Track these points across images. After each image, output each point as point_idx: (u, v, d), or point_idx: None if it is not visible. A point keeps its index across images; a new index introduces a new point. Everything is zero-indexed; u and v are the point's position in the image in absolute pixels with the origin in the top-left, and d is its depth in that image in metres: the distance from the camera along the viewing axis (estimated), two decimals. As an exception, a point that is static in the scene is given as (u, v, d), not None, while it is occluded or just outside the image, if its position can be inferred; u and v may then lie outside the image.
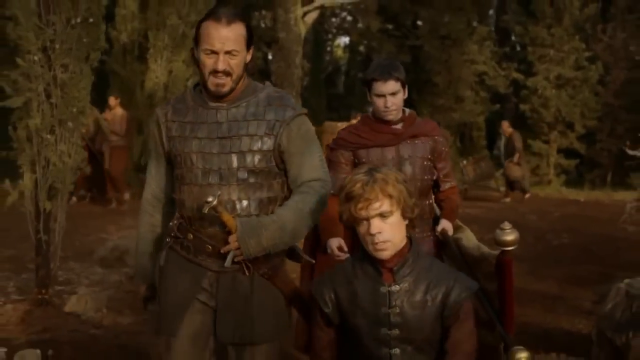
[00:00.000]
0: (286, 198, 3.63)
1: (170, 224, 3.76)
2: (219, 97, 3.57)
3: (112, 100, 14.71)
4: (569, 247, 11.93)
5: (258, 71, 27.98)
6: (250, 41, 3.58)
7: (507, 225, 3.87)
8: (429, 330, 3.27)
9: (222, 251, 3.53)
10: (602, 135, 23.95)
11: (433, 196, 5.00)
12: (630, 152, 10.05)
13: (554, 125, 23.90)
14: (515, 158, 18.56)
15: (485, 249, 4.45)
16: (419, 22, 27.47)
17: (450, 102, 25.16)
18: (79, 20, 6.90)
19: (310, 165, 3.68)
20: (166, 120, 3.63)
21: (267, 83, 3.76)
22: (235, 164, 3.54)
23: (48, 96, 6.96)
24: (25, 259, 9.29)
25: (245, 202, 3.54)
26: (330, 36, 37.32)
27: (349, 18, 32.00)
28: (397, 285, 3.25)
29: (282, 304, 3.70)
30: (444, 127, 22.22)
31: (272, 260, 3.61)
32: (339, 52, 41.37)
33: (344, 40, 38.98)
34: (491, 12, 32.01)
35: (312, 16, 20.05)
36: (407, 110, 4.92)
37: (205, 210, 3.42)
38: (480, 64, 25.37)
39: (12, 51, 7.15)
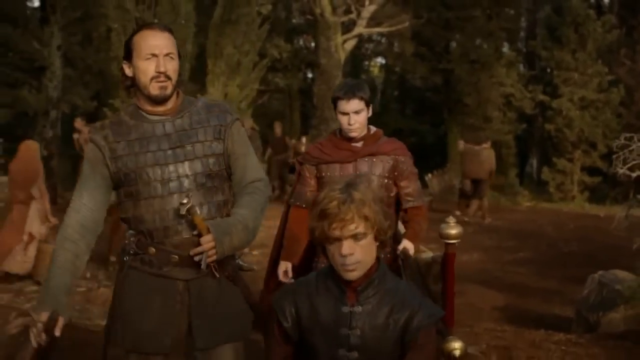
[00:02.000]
0: (232, 200, 3.73)
1: (126, 242, 3.67)
2: (161, 102, 3.61)
3: (78, 123, 15.52)
4: (576, 253, 13.29)
5: (299, 90, 29.18)
6: (178, 52, 3.71)
7: (451, 219, 3.98)
8: (387, 354, 3.17)
9: (193, 253, 3.52)
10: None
11: (395, 215, 4.99)
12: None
13: (577, 145, 24.58)
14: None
15: (437, 254, 4.49)
16: (453, 46, 28.28)
17: (479, 122, 25.84)
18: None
19: (253, 167, 3.80)
20: (107, 143, 3.61)
21: (199, 96, 3.90)
22: (193, 170, 3.60)
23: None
24: None
25: (205, 207, 3.59)
26: (367, 58, 38.35)
27: (384, 41, 33.10)
28: (359, 306, 3.15)
29: (245, 304, 3.75)
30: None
31: (232, 263, 3.73)
32: (376, 71, 42.24)
33: (381, 59, 39.82)
34: (522, 34, 33.22)
35: (351, 43, 21.56)
36: (373, 129, 5.02)
37: (183, 211, 3.47)
38: (508, 87, 26.08)
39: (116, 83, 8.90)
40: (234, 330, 3.66)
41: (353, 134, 4.84)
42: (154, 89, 3.54)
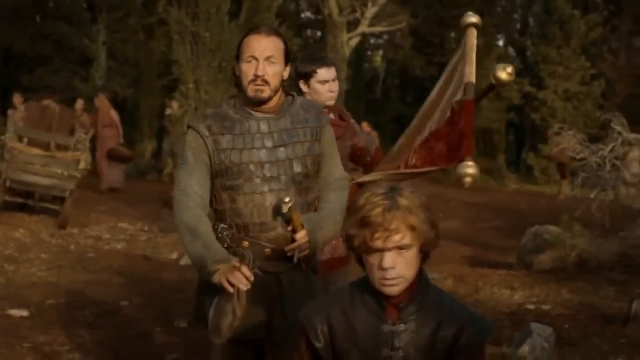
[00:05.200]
0: (318, 197, 3.75)
1: (219, 235, 3.61)
2: (259, 104, 3.60)
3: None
4: (539, 223, 15.99)
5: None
6: (287, 57, 3.67)
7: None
8: None
9: (288, 249, 3.55)
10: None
11: None
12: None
13: (560, 133, 27.22)
14: None
15: None
16: (448, 41, 30.46)
17: None
18: (216, 63, 11.36)
19: (338, 165, 3.85)
20: (211, 134, 3.60)
21: (295, 94, 3.81)
22: (294, 169, 3.61)
23: (196, 108, 11.45)
24: None
25: (299, 205, 3.57)
26: (369, 49, 40.55)
27: (385, 36, 35.44)
28: (402, 325, 2.78)
29: None
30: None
31: (315, 257, 3.73)
32: (378, 61, 44.35)
33: (382, 51, 41.99)
34: (515, 29, 35.69)
35: (355, 40, 24.21)
36: None
37: (285, 209, 3.46)
38: None
39: (175, 82, 11.64)
40: None
41: (331, 102, 4.77)
42: (251, 91, 3.54)
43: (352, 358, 2.83)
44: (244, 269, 3.26)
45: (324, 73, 4.67)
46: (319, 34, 33.35)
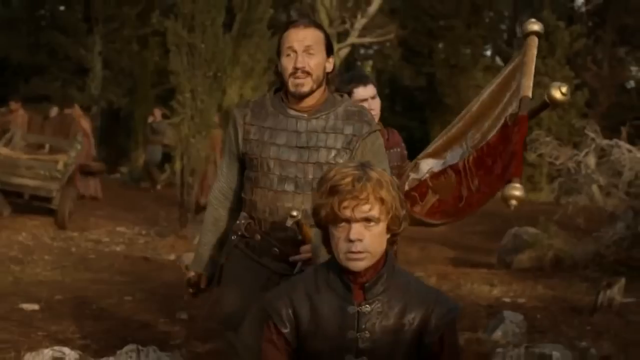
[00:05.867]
0: None
1: (238, 222, 3.67)
2: (300, 98, 3.53)
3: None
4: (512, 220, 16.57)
5: None
6: (330, 48, 3.59)
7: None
8: (401, 358, 2.79)
9: (291, 259, 3.52)
10: (589, 151, 27.82)
11: None
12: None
13: (550, 141, 27.79)
14: None
15: None
16: (435, 52, 31.11)
17: None
18: (211, 73, 11.91)
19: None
20: (244, 123, 3.58)
21: (345, 96, 3.71)
22: (311, 174, 3.48)
23: (192, 117, 11.99)
24: (173, 213, 13.95)
25: None
26: (359, 60, 41.07)
27: (375, 47, 35.97)
28: (368, 306, 2.75)
29: None
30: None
31: None
32: (368, 70, 44.84)
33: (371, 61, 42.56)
34: (503, 39, 36.30)
35: (345, 51, 24.79)
36: None
37: (289, 223, 3.42)
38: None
39: (169, 91, 12.17)
40: None
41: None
42: (292, 85, 3.48)
43: (317, 341, 2.79)
44: (194, 284, 3.87)
45: (361, 91, 4.52)
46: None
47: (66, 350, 5.10)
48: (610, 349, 6.43)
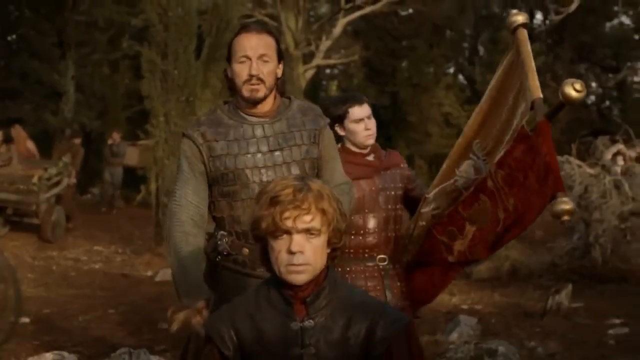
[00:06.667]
0: None
1: (219, 242, 3.60)
2: (255, 104, 3.52)
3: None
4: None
5: None
6: (280, 55, 3.58)
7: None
8: None
9: None
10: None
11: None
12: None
13: None
14: None
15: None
16: (403, 66, 31.43)
17: (421, 137, 28.93)
18: (184, 98, 12.49)
19: (339, 170, 3.74)
20: (205, 141, 3.52)
21: (292, 97, 3.73)
22: (290, 173, 3.47)
23: (166, 140, 12.56)
24: (150, 232, 14.42)
25: None
26: (324, 79, 41.66)
27: (340, 67, 36.60)
28: (311, 320, 2.64)
29: None
30: (419, 158, 26.55)
31: None
32: (333, 90, 45.37)
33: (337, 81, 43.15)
34: (465, 58, 37.08)
35: (311, 72, 25.38)
36: None
37: None
38: (446, 106, 29.11)
39: (147, 114, 12.78)
40: None
41: (371, 141, 4.43)
42: (246, 91, 3.47)
43: None
44: (205, 313, 3.28)
45: (357, 111, 4.39)
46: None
47: (65, 353, 5.65)
48: (557, 348, 7.09)
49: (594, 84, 35.51)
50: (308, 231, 2.58)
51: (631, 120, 25.40)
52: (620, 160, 12.21)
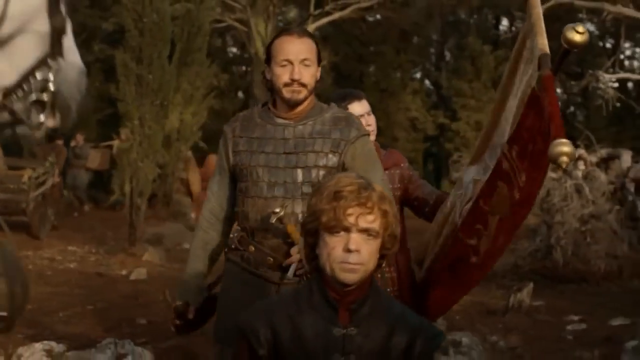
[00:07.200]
0: None
1: (231, 236, 3.70)
2: (293, 106, 3.54)
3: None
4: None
5: (233, 113, 32.97)
6: (319, 58, 3.58)
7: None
8: None
9: (284, 264, 3.50)
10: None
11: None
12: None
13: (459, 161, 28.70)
14: None
15: None
16: (371, 70, 31.75)
17: (388, 141, 28.43)
18: (158, 102, 12.78)
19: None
20: (234, 136, 3.61)
21: (332, 104, 3.71)
22: (300, 178, 3.50)
23: (140, 143, 12.84)
24: (122, 232, 14.65)
25: (302, 216, 3.38)
26: None
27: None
28: (354, 328, 2.57)
29: None
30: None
31: None
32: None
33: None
34: (432, 64, 37.60)
35: (280, 77, 25.69)
36: None
37: (273, 220, 3.44)
38: (413, 111, 29.65)
39: (120, 118, 13.05)
40: None
41: (371, 137, 4.27)
42: (287, 92, 3.50)
43: None
44: (179, 317, 3.70)
45: (357, 107, 4.34)
46: (244, 68, 34.77)
47: (53, 344, 5.93)
48: (517, 343, 7.50)
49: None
50: (367, 231, 2.51)
51: (593, 126, 26.05)
52: (581, 165, 12.63)
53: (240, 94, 33.68)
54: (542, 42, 3.27)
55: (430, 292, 4.18)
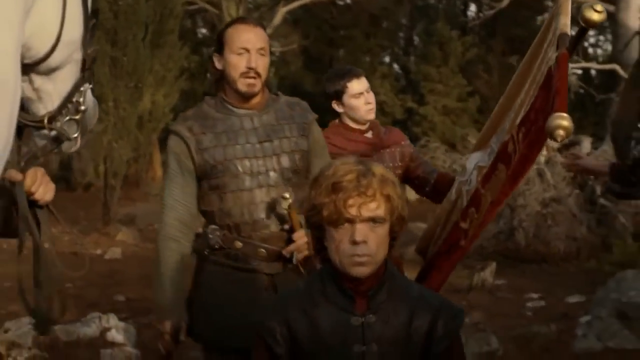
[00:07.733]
0: None
1: (210, 236, 3.50)
2: (249, 98, 3.48)
3: None
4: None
5: (203, 94, 32.96)
6: (270, 50, 3.52)
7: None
8: None
9: (286, 251, 3.44)
10: (482, 154, 29.04)
11: None
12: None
13: (439, 146, 28.99)
14: None
15: None
16: (340, 54, 32.05)
17: None
18: (132, 84, 13.00)
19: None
20: (193, 135, 3.47)
21: (278, 92, 3.68)
22: (281, 164, 3.47)
23: (115, 124, 13.07)
24: (95, 213, 15.03)
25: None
26: None
27: (278, 54, 37.25)
28: (373, 315, 2.46)
29: None
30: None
31: (313, 258, 3.34)
32: (271, 77, 45.67)
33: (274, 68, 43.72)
34: (400, 50, 37.86)
35: (250, 59, 25.85)
36: None
37: (285, 206, 3.38)
38: (382, 95, 29.35)
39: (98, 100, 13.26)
40: None
41: (372, 115, 4.32)
42: (242, 85, 3.44)
43: (320, 359, 2.50)
44: (167, 337, 3.44)
45: (356, 85, 4.26)
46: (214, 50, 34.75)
47: (39, 317, 6.18)
48: (480, 318, 7.88)
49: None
50: (372, 220, 2.41)
51: (557, 112, 26.32)
52: (543, 150, 13.01)
53: (209, 76, 33.76)
54: (564, 22, 3.21)
55: (432, 279, 4.09)
